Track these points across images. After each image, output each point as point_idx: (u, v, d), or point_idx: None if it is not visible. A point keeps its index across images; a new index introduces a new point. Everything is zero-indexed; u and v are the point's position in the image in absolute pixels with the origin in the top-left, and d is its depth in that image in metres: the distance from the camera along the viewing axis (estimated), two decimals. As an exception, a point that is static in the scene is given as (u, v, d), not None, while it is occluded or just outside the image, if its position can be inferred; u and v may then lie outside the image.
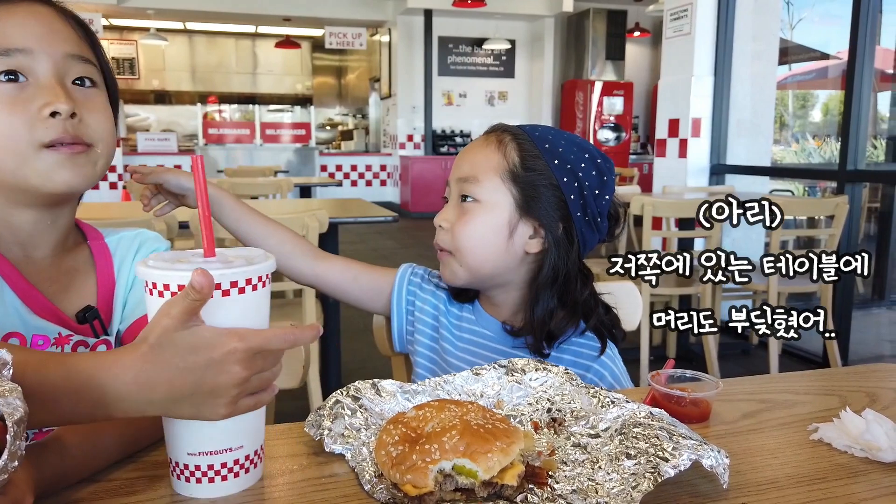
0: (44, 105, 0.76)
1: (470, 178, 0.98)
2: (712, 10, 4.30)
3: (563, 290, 0.99)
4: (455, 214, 1.00)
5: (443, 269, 1.03)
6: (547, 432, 0.72)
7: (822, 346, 3.50)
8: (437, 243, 1.02)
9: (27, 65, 0.77)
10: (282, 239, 1.07)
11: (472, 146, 1.03)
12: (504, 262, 1.00)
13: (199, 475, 0.61)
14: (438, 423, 0.62)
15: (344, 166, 10.95)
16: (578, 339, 1.02)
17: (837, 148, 10.02)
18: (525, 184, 0.97)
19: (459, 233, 0.98)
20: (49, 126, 0.76)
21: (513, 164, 0.97)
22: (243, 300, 0.59)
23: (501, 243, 0.98)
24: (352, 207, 3.31)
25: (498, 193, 0.97)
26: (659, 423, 0.66)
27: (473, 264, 0.99)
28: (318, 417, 0.71)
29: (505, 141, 0.99)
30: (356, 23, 10.42)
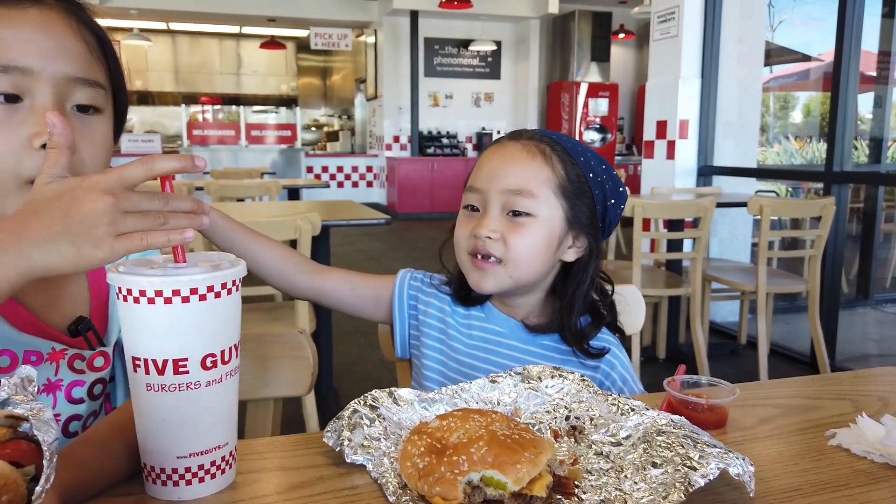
0: (35, 135, 0.69)
1: (524, 192, 0.97)
2: (699, 12, 4.34)
3: (591, 294, 1.04)
4: (502, 225, 0.98)
5: (482, 280, 1.00)
6: (567, 440, 0.72)
7: (809, 346, 3.54)
8: (483, 252, 0.99)
9: (25, 85, 0.70)
10: (278, 255, 1.05)
11: (511, 156, 1.00)
12: (545, 272, 1.02)
13: (189, 476, 0.61)
14: (464, 433, 0.61)
15: (330, 167, 10.91)
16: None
17: (819, 149, 10.07)
18: (571, 197, 0.99)
19: (516, 245, 0.97)
20: (38, 160, 0.69)
21: (562, 179, 0.98)
22: (214, 305, 0.59)
23: (550, 255, 1.00)
24: (343, 210, 3.29)
25: (552, 208, 0.98)
26: (682, 431, 0.66)
27: (523, 275, 0.99)
28: (338, 427, 0.70)
29: (548, 153, 0.99)
30: (342, 24, 10.39)
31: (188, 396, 0.58)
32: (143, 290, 0.56)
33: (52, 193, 0.58)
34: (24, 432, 0.46)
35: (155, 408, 0.58)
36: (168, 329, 0.57)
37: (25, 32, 0.70)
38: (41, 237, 0.56)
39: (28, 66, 0.69)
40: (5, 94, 0.69)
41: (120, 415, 0.70)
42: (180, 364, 0.58)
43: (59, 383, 0.78)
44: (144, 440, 0.60)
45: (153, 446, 0.60)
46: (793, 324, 4.42)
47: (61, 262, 0.57)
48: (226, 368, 0.61)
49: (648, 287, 3.34)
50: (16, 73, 0.69)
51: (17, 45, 0.69)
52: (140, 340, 0.58)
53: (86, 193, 0.56)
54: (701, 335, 3.37)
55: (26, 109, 0.70)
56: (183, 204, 0.59)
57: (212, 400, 0.60)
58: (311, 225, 2.48)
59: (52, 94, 0.71)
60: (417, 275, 1.13)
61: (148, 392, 0.58)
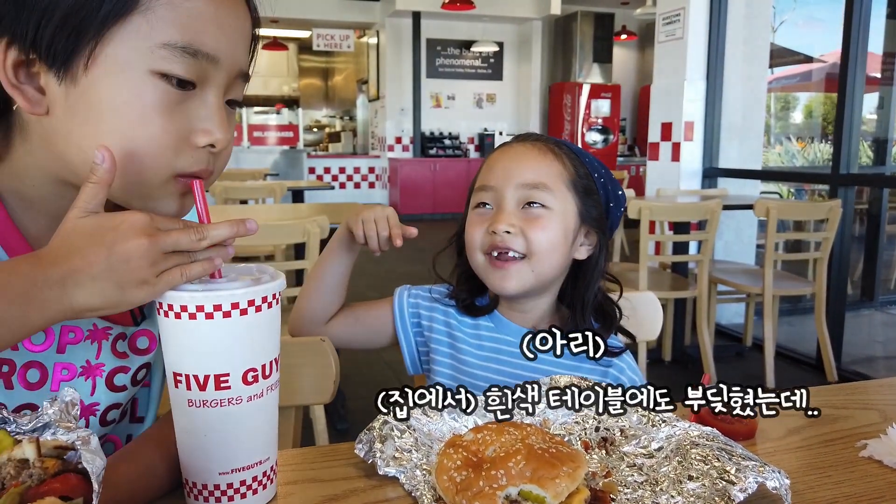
0: (203, 132, 0.64)
1: (539, 185, 0.99)
2: (704, 14, 4.34)
3: (600, 294, 1.05)
4: (520, 220, 0.99)
5: (504, 280, 0.99)
6: (598, 452, 0.72)
7: (815, 348, 3.54)
8: (504, 247, 0.98)
9: (204, 73, 0.63)
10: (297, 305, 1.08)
11: (523, 154, 1.02)
12: (563, 269, 1.04)
13: (231, 493, 0.60)
14: (500, 446, 0.61)
15: (332, 168, 10.90)
16: None
17: (820, 150, 10.04)
18: (582, 193, 1.01)
19: (537, 237, 0.98)
20: (196, 158, 0.64)
21: (573, 175, 1.01)
22: (256, 319, 0.58)
23: (567, 250, 1.01)
24: (350, 212, 3.29)
25: (566, 201, 1.00)
26: (716, 444, 0.66)
27: (544, 270, 1.00)
28: (369, 438, 0.70)
29: (556, 152, 1.02)
30: (344, 24, 10.39)
31: (230, 412, 0.58)
32: (184, 305, 0.56)
33: (89, 229, 0.57)
34: (71, 461, 0.45)
35: (197, 424, 0.58)
36: (209, 344, 0.57)
37: (221, 15, 0.63)
38: (85, 276, 0.55)
39: (216, 54, 0.62)
40: (182, 79, 0.61)
41: (158, 429, 0.70)
42: (222, 379, 0.57)
43: (100, 368, 0.75)
44: (186, 456, 0.60)
45: (195, 463, 0.60)
46: (797, 326, 4.42)
47: (101, 303, 0.56)
48: (267, 383, 0.61)
49: (654, 289, 3.33)
50: (202, 60, 0.61)
51: (212, 28, 0.62)
52: (182, 356, 0.58)
53: (127, 233, 0.55)
54: (707, 338, 3.38)
55: (196, 100, 0.64)
56: (219, 233, 0.60)
57: (253, 415, 0.60)
58: (319, 228, 2.48)
59: (222, 90, 0.65)
60: (414, 290, 1.12)
61: (190, 408, 0.58)
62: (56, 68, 0.59)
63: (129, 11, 0.58)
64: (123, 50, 0.59)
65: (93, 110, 0.60)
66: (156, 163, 0.62)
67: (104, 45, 0.58)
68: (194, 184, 0.64)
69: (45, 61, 0.60)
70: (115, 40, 0.59)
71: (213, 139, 0.64)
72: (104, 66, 0.59)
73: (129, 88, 0.59)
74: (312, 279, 1.08)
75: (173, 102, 0.61)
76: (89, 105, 0.60)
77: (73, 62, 0.59)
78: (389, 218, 1.01)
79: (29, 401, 0.70)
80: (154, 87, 0.60)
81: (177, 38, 0.59)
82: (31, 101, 0.61)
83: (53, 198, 0.69)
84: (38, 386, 0.70)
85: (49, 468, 0.43)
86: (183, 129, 0.63)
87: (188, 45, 0.60)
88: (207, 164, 0.66)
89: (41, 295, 0.54)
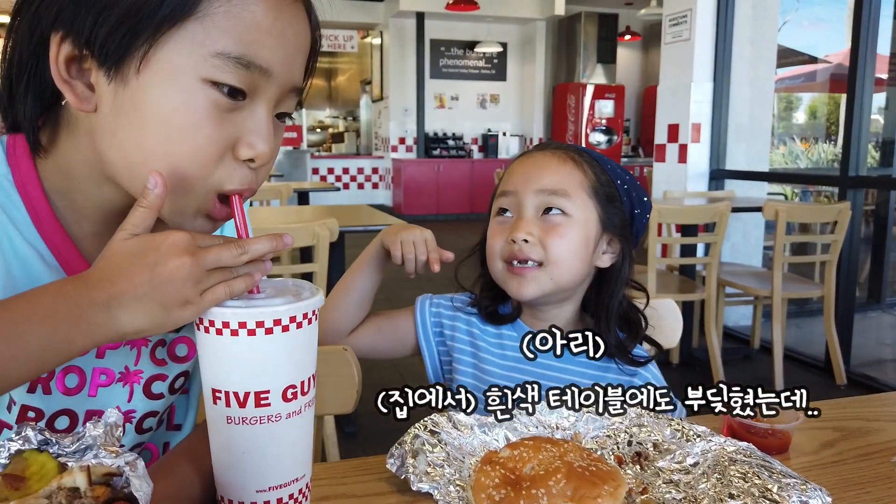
0: (247, 144, 0.62)
1: (559, 191, 0.98)
2: (711, 15, 4.32)
3: (625, 303, 1.04)
4: (538, 228, 0.98)
5: (522, 286, 0.99)
6: (632, 467, 0.71)
7: (824, 351, 3.53)
8: (522, 257, 0.98)
9: (255, 85, 0.61)
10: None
11: (545, 161, 1.02)
12: (584, 276, 1.02)
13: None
14: (538, 463, 0.60)
15: (336, 169, 10.90)
16: None
17: (825, 150, 10.02)
18: (604, 200, 1.00)
19: (554, 245, 0.97)
20: (237, 174, 0.62)
21: (593, 182, 1.00)
22: (296, 336, 0.58)
23: (587, 257, 1.00)
24: (358, 215, 3.28)
25: (586, 209, 0.99)
26: (754, 460, 0.65)
27: (563, 277, 0.99)
28: (401, 453, 0.69)
29: (577, 159, 1.01)
30: (347, 25, 10.38)
31: (269, 429, 0.58)
32: (226, 321, 0.56)
33: (132, 250, 0.56)
34: (117, 486, 0.45)
35: (236, 441, 0.58)
36: (251, 361, 0.56)
37: (279, 28, 0.61)
38: (130, 298, 0.55)
39: (269, 67, 0.60)
40: (233, 88, 0.59)
41: (193, 443, 0.70)
42: (262, 396, 0.57)
43: (138, 374, 0.74)
44: (223, 474, 0.60)
45: (232, 480, 0.59)
46: (805, 328, 4.41)
47: (146, 324, 0.56)
48: (305, 399, 0.60)
49: (662, 292, 3.33)
50: (255, 71, 0.60)
51: (268, 40, 0.60)
52: (222, 373, 0.57)
53: (169, 253, 0.55)
54: (716, 340, 3.37)
55: (246, 111, 0.62)
56: (258, 247, 0.59)
57: (292, 432, 0.59)
58: (329, 232, 2.47)
59: (273, 102, 0.64)
60: (436, 300, 1.12)
61: (228, 425, 0.57)
62: (107, 67, 0.58)
63: (187, 17, 0.57)
64: (177, 55, 0.58)
65: (140, 113, 0.59)
66: (197, 174, 0.61)
67: (158, 48, 0.57)
68: (233, 198, 0.63)
69: (98, 59, 0.58)
70: (169, 45, 0.57)
71: (256, 153, 0.62)
72: (156, 69, 0.58)
73: (179, 95, 0.58)
74: (340, 292, 1.07)
75: (222, 111, 0.60)
76: (137, 107, 0.59)
77: (126, 62, 0.58)
78: (428, 241, 1.01)
79: (66, 406, 0.70)
80: (205, 95, 0.59)
81: (231, 48, 0.58)
82: (80, 97, 0.60)
83: (97, 196, 0.68)
84: (76, 391, 0.70)
85: (100, 496, 0.42)
86: (228, 140, 0.61)
87: (242, 56, 0.58)
88: (249, 183, 0.64)
89: (87, 318, 0.53)
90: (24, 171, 0.66)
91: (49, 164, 0.67)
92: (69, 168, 0.66)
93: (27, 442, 0.44)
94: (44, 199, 0.67)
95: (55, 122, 0.66)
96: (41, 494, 0.41)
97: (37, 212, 0.66)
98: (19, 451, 0.43)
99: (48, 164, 0.67)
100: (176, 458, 0.67)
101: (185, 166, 0.60)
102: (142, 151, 0.60)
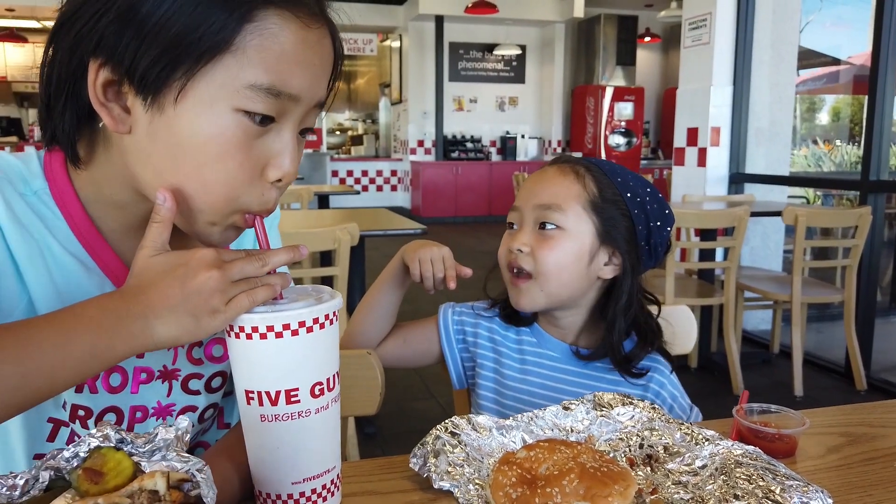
0: (275, 166, 0.65)
1: (553, 206, 1.02)
2: (731, 18, 4.31)
3: (634, 314, 1.05)
4: (534, 240, 1.03)
5: (518, 297, 1.05)
6: (643, 469, 0.74)
7: (844, 356, 3.51)
8: (516, 266, 1.03)
9: (284, 109, 0.64)
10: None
11: (546, 175, 1.06)
12: (581, 288, 1.05)
13: (304, 501, 0.64)
14: (553, 464, 0.64)
15: (355, 171, 11.00)
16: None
17: (848, 151, 9.82)
18: (604, 213, 1.02)
19: (544, 258, 1.01)
20: (263, 196, 0.66)
21: (592, 195, 1.02)
22: (320, 335, 0.62)
23: (582, 269, 1.03)
24: (378, 218, 3.33)
25: (581, 222, 1.02)
26: (760, 463, 0.68)
27: (554, 290, 1.03)
28: (423, 453, 0.73)
29: (581, 173, 1.04)
30: (367, 29, 10.47)
31: (300, 424, 0.62)
32: (255, 326, 0.60)
33: (162, 265, 0.61)
34: (184, 491, 0.49)
35: (270, 437, 0.62)
36: (279, 361, 0.61)
37: (307, 56, 0.64)
38: (163, 309, 0.59)
39: (298, 93, 0.63)
40: (265, 116, 0.63)
41: (228, 441, 0.75)
42: (292, 394, 0.61)
43: (176, 372, 0.80)
44: (259, 469, 0.64)
45: (269, 474, 0.63)
46: (825, 333, 4.38)
47: (179, 333, 0.60)
48: (331, 395, 0.64)
49: (681, 296, 3.34)
50: (284, 99, 0.63)
51: (297, 69, 0.63)
52: (253, 374, 0.61)
53: (198, 267, 0.60)
54: (734, 345, 3.37)
55: (273, 133, 0.65)
56: (278, 259, 0.64)
57: (320, 425, 0.64)
58: (350, 236, 2.51)
59: (298, 124, 0.66)
60: (458, 308, 1.16)
61: (263, 423, 0.62)
62: (144, 95, 0.61)
63: (223, 51, 0.60)
64: (212, 87, 0.61)
65: (175, 140, 0.62)
66: (228, 196, 0.64)
67: (195, 80, 0.60)
68: (255, 220, 0.67)
69: (136, 87, 0.61)
70: (206, 77, 0.60)
71: (283, 173, 0.65)
72: (191, 100, 0.61)
73: (213, 124, 0.61)
74: (365, 309, 1.11)
75: (252, 137, 0.63)
76: (172, 134, 0.62)
77: (163, 92, 0.61)
78: (445, 259, 1.04)
79: (112, 403, 0.76)
80: (237, 124, 0.62)
81: (263, 79, 0.61)
82: (116, 120, 0.63)
83: (131, 204, 0.72)
84: (119, 389, 0.76)
85: (175, 501, 0.47)
86: (258, 164, 0.65)
87: (272, 87, 0.61)
88: (275, 202, 0.68)
89: (127, 328, 0.58)
90: (60, 183, 0.72)
91: (85, 175, 0.71)
92: (104, 179, 0.71)
93: (107, 440, 0.49)
94: (81, 208, 0.72)
95: (92, 136, 0.70)
96: (124, 493, 0.46)
97: (75, 221, 0.71)
98: (98, 448, 0.48)
99: (84, 176, 0.72)
100: (215, 456, 0.71)
101: (216, 190, 0.64)
102: (177, 175, 0.64)
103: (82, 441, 0.48)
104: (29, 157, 0.73)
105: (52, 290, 0.69)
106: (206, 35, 0.59)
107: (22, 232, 0.68)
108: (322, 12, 0.66)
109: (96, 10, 0.60)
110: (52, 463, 0.46)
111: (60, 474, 0.47)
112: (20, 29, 10.53)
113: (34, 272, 0.68)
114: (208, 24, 0.59)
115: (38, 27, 10.66)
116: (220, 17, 0.59)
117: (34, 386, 0.54)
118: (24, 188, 0.70)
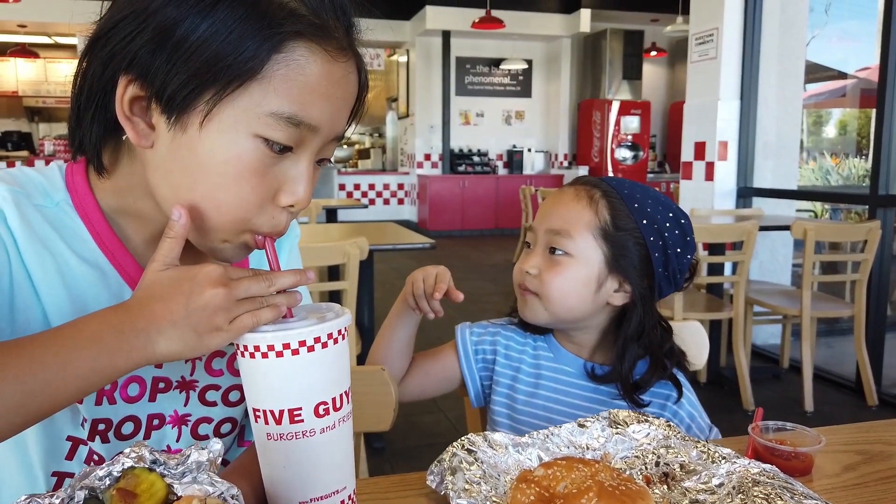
0: (289, 192, 0.66)
1: (562, 231, 1.02)
2: (738, 33, 4.33)
3: (647, 342, 1.03)
4: (543, 262, 1.03)
5: (524, 307, 1.06)
6: (660, 487, 0.74)
7: (855, 371, 3.49)
8: (524, 285, 1.05)
9: (302, 139, 0.64)
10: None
11: (560, 199, 1.06)
12: (587, 312, 1.04)
13: None
14: (571, 482, 0.64)
15: (362, 185, 11.04)
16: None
17: (856, 165, 9.79)
18: (615, 241, 1.01)
19: (549, 282, 1.02)
20: (274, 220, 0.67)
21: (604, 222, 1.01)
22: (322, 355, 0.62)
23: (588, 296, 1.02)
24: (386, 233, 3.35)
25: (589, 249, 1.01)
26: (777, 482, 0.68)
27: (558, 311, 1.03)
28: (440, 470, 0.73)
29: (596, 198, 1.03)
30: (375, 44, 10.54)
31: (305, 444, 0.62)
32: (257, 345, 0.61)
33: (169, 280, 0.61)
34: None
35: (276, 456, 0.63)
36: (282, 381, 0.61)
37: (331, 88, 0.64)
38: (166, 323, 0.59)
39: (318, 125, 0.64)
40: (283, 146, 0.64)
41: (244, 461, 0.75)
42: (295, 413, 0.61)
43: (194, 383, 0.81)
44: (269, 487, 0.65)
45: (278, 492, 0.64)
46: (835, 347, 4.36)
47: (181, 349, 0.60)
48: (338, 415, 0.64)
49: (689, 310, 3.33)
50: (304, 129, 0.64)
51: (319, 101, 0.64)
52: (259, 393, 0.62)
53: (204, 283, 0.60)
54: (744, 360, 3.35)
55: (289, 161, 0.66)
56: (285, 280, 0.64)
57: (327, 446, 0.63)
58: (359, 250, 2.52)
59: (316, 151, 0.67)
60: (475, 328, 1.16)
61: (269, 441, 0.62)
62: (170, 113, 0.63)
63: (250, 79, 0.61)
64: (235, 112, 0.62)
65: (195, 161, 0.64)
66: (240, 217, 0.66)
67: (221, 106, 0.61)
68: (266, 242, 0.68)
69: (161, 105, 0.63)
70: (231, 103, 0.62)
71: (296, 199, 0.66)
72: (215, 123, 0.62)
73: (232, 148, 0.63)
74: (382, 345, 1.11)
75: (268, 164, 0.64)
76: (192, 154, 0.64)
77: (187, 113, 0.62)
78: (438, 275, 1.03)
79: (131, 413, 0.76)
80: (255, 149, 0.63)
81: (285, 108, 0.62)
82: (140, 134, 0.65)
83: (151, 214, 0.73)
84: (137, 398, 0.77)
85: None
86: (271, 189, 0.66)
87: (293, 116, 0.62)
88: (285, 225, 0.68)
89: (128, 343, 0.59)
90: (81, 193, 0.74)
91: (108, 184, 0.73)
92: (127, 189, 0.73)
93: (141, 460, 0.49)
94: (102, 217, 0.74)
95: (117, 146, 0.72)
96: None
97: (96, 229, 0.73)
98: (132, 468, 0.49)
99: (107, 185, 0.73)
100: (231, 475, 0.72)
101: (229, 211, 0.65)
102: (192, 193, 0.65)
103: (116, 461, 0.49)
104: (51, 171, 0.75)
105: (68, 303, 0.70)
106: (236, 63, 0.60)
107: (38, 247, 0.69)
108: (350, 46, 0.68)
109: (133, 29, 0.62)
110: (86, 482, 0.47)
111: (94, 493, 0.47)
112: (32, 45, 10.67)
113: (49, 287, 0.69)
114: (239, 51, 0.60)
115: (50, 43, 10.81)
116: (251, 46, 0.60)
117: (37, 403, 0.55)
118: (44, 200, 0.72)
